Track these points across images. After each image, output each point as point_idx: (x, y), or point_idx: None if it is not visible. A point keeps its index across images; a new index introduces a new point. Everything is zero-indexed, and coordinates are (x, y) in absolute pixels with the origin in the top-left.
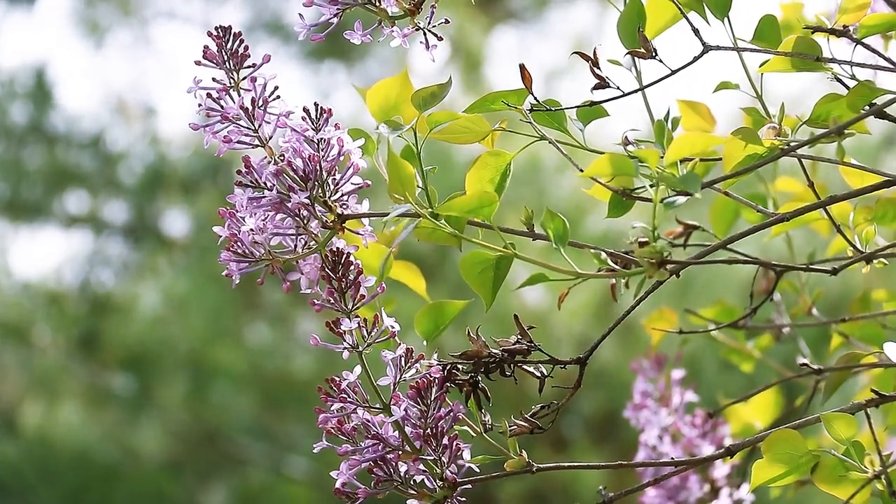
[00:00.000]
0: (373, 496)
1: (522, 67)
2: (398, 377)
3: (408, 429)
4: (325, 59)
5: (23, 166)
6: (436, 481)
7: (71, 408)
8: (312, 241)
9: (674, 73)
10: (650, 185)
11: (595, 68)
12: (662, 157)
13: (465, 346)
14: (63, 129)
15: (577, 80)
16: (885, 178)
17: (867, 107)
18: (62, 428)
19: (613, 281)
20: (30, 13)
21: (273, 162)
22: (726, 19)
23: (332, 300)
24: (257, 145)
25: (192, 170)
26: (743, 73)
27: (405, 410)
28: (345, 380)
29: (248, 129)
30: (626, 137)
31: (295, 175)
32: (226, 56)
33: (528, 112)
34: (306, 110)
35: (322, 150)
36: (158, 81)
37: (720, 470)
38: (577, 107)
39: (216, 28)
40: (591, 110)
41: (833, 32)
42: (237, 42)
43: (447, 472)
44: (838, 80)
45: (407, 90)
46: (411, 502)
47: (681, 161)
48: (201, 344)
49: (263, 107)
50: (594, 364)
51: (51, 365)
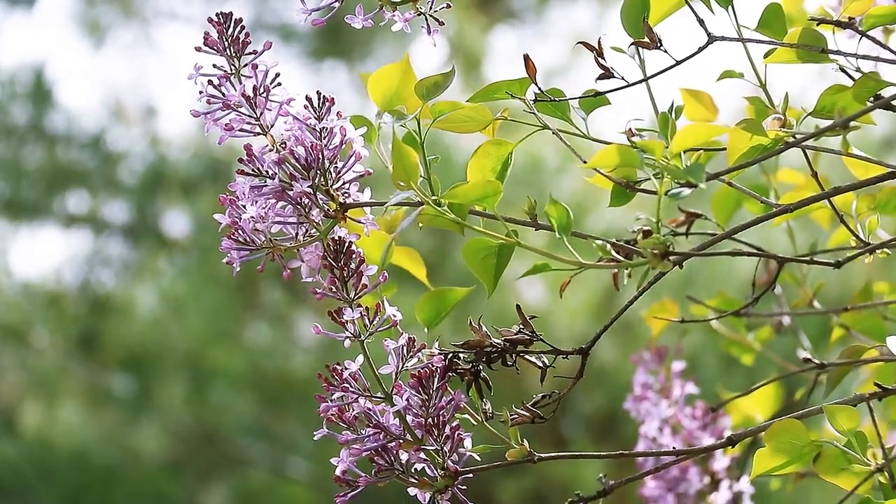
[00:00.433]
0: (373, 484)
1: (527, 57)
2: (400, 366)
3: (409, 418)
4: (326, 59)
5: (23, 166)
6: (437, 470)
7: (71, 408)
8: (314, 230)
9: (678, 63)
10: (654, 176)
11: (599, 58)
12: (667, 147)
13: (467, 339)
14: (63, 129)
15: (576, 80)
16: (890, 170)
17: (872, 98)
18: (62, 428)
19: (616, 271)
20: (30, 13)
21: (275, 150)
22: (731, 8)
23: (334, 289)
24: (259, 133)
25: (193, 170)
26: (747, 62)
27: (407, 399)
28: (346, 369)
29: (249, 116)
30: (630, 128)
31: (297, 163)
32: (227, 43)
33: (532, 102)
34: (308, 99)
35: (324, 138)
36: (159, 81)
37: (720, 462)
38: (580, 97)
39: (217, 14)
40: (594, 100)
41: (838, 24)
42: (238, 29)
43: (448, 461)
44: (843, 71)
45: (409, 78)
46: (412, 491)
47: (684, 152)
48: (201, 344)
49: (265, 94)
50: (594, 364)
51: (50, 365)
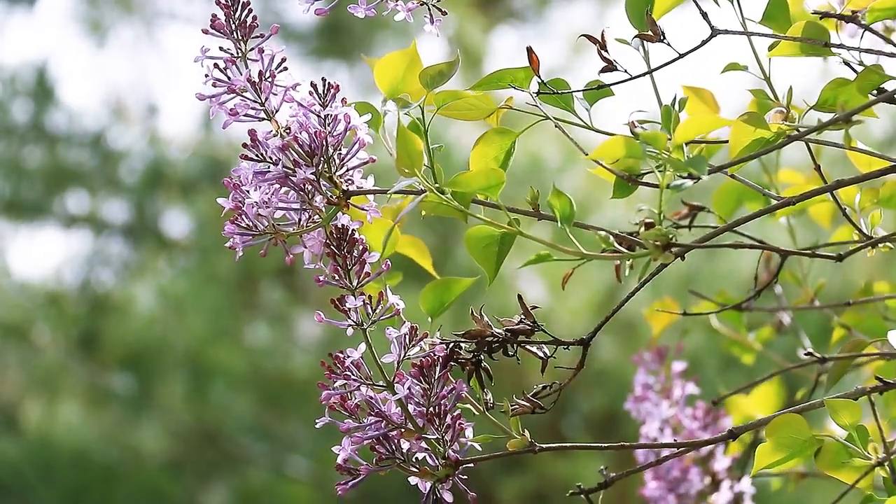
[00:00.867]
0: (375, 473)
1: (530, 50)
2: (402, 355)
3: (411, 407)
4: (326, 59)
5: (23, 165)
6: (438, 459)
7: (71, 407)
8: (317, 216)
9: (682, 56)
10: (657, 168)
11: (603, 51)
12: (670, 139)
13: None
14: (64, 128)
15: (576, 79)
16: (893, 164)
17: (875, 92)
18: (62, 427)
19: (618, 262)
20: (31, 12)
21: (279, 136)
22: (735, 1)
23: (337, 277)
24: (263, 119)
25: (192, 170)
26: (751, 56)
27: (408, 388)
28: (349, 357)
29: (254, 101)
30: (633, 121)
31: (301, 150)
32: (234, 26)
33: (535, 95)
34: (314, 85)
35: (328, 125)
36: (159, 81)
37: (721, 462)
38: (584, 89)
39: None
40: (597, 92)
41: (842, 17)
42: (245, 12)
43: (449, 450)
44: (846, 64)
45: (416, 65)
46: (413, 480)
47: (686, 146)
48: (201, 343)
49: (270, 79)
50: (594, 363)
51: (50, 365)
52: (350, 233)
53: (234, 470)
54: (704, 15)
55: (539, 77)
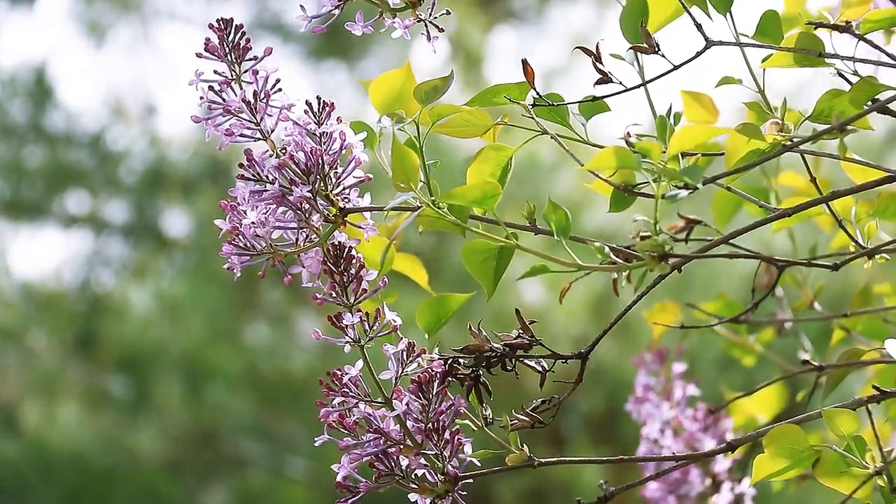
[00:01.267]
0: (374, 490)
1: (525, 62)
2: (400, 371)
3: (409, 423)
4: (326, 59)
5: (23, 165)
6: (437, 475)
7: (70, 408)
8: (314, 235)
9: (676, 68)
10: (652, 180)
11: (597, 63)
12: (664, 151)
13: (466, 342)
14: (63, 128)
15: (576, 80)
16: (888, 174)
17: (870, 103)
18: (61, 429)
19: (615, 275)
20: (30, 12)
21: (275, 155)
22: (728, 14)
23: (334, 294)
24: (259, 138)
25: (192, 170)
26: (745, 68)
27: (407, 405)
28: (346, 374)
29: (249, 122)
30: (628, 132)
31: (297, 168)
32: (227, 49)
33: (531, 107)
34: (308, 104)
35: (324, 143)
36: (158, 81)
37: (721, 464)
38: (579, 101)
39: (218, 21)
40: (593, 105)
41: (836, 28)
42: (239, 35)
43: (448, 466)
44: (841, 75)
45: (410, 83)
46: (413, 496)
47: (682, 156)
48: (200, 344)
49: (265, 100)
50: (592, 362)
51: (49, 365)
52: (347, 250)
53: (233, 471)
54: (699, 26)
55: (535, 90)
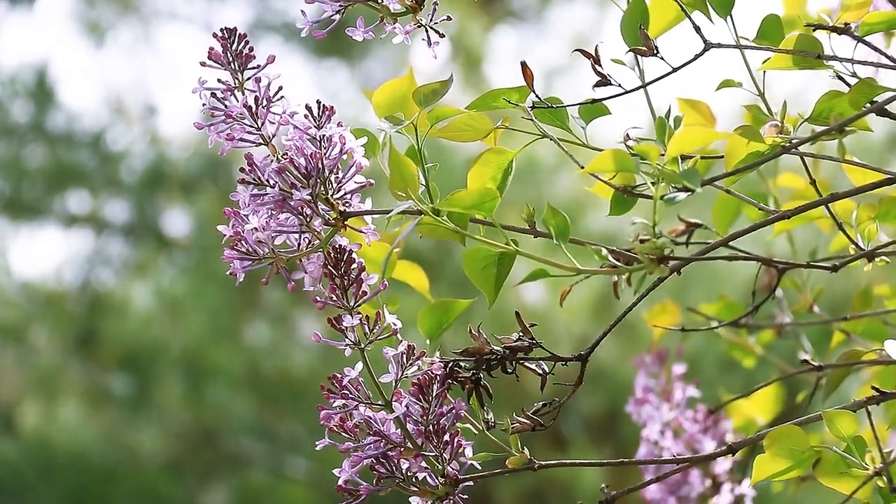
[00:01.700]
0: (375, 493)
1: (524, 65)
2: (400, 374)
3: (410, 426)
4: (328, 58)
5: (23, 165)
6: (437, 478)
7: (70, 407)
8: (315, 239)
9: (675, 70)
10: (651, 182)
11: (596, 66)
12: (663, 154)
13: (466, 344)
14: (64, 128)
15: (576, 80)
16: (888, 177)
17: (868, 104)
18: (61, 428)
19: (615, 278)
20: (30, 12)
21: (276, 160)
22: (729, 18)
23: (335, 297)
24: (260, 143)
25: (192, 170)
26: (745, 71)
27: (407, 407)
28: (346, 376)
29: (251, 127)
30: (627, 134)
31: (297, 173)
32: (231, 57)
33: (530, 109)
34: (308, 108)
35: (324, 147)
36: (159, 81)
37: (721, 465)
38: (579, 104)
39: (221, 30)
40: (592, 108)
41: (835, 30)
42: (242, 43)
43: (449, 468)
44: (840, 77)
45: (412, 90)
46: (413, 499)
47: (682, 159)
48: (201, 343)
49: (267, 105)
50: (592, 363)
51: (50, 364)
52: (348, 253)
53: (234, 470)
54: (697, 29)
55: (534, 92)
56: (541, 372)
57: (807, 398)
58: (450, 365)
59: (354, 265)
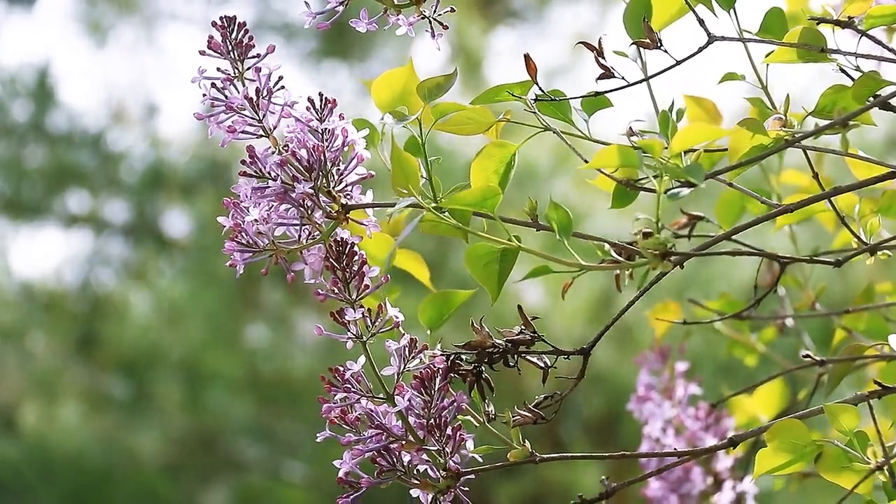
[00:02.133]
0: (376, 486)
1: (527, 57)
2: (402, 367)
3: (411, 419)
4: (327, 60)
5: (23, 165)
6: (439, 471)
7: (70, 409)
8: (317, 232)
9: (678, 63)
10: (654, 177)
11: (600, 58)
12: (667, 148)
13: (466, 341)
14: (64, 128)
15: (577, 80)
16: (891, 170)
17: (872, 98)
18: (60, 430)
19: (618, 272)
20: (31, 12)
21: (277, 152)
22: (733, 11)
23: (336, 290)
24: (261, 135)
25: (192, 171)
26: (749, 66)
27: (409, 400)
28: (348, 369)
29: (252, 118)
30: (630, 128)
31: (299, 165)
32: (230, 46)
33: (533, 102)
34: (311, 100)
35: (326, 140)
36: (159, 82)
37: (723, 462)
38: (581, 97)
39: (221, 18)
40: (595, 100)
41: (838, 24)
42: (242, 32)
43: (450, 462)
44: (843, 71)
45: (413, 81)
46: (414, 492)
47: (685, 153)
48: (200, 345)
49: (268, 97)
50: (590, 368)
51: (49, 365)
52: (349, 246)
53: (233, 473)
54: (701, 22)
55: (538, 85)
56: (542, 365)
57: (808, 395)
58: (452, 358)
59: (356, 258)
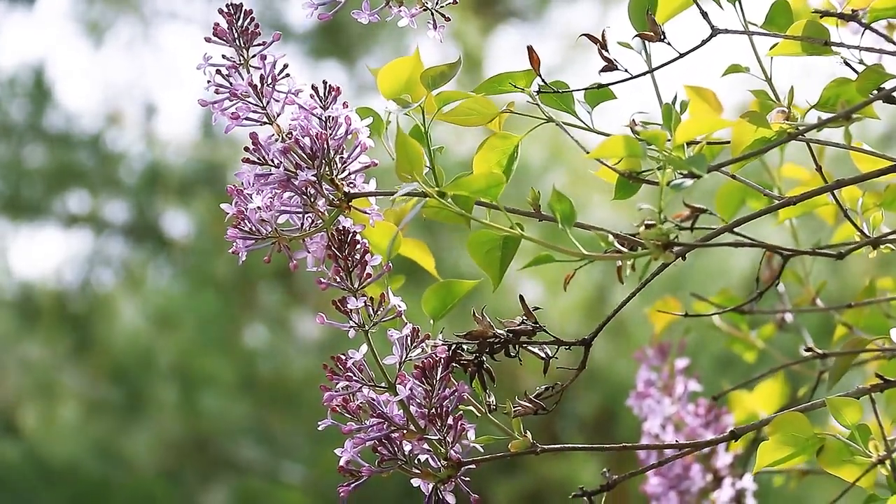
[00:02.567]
0: (377, 475)
1: (530, 49)
2: (404, 356)
3: (413, 408)
4: (325, 59)
5: (23, 165)
6: (440, 461)
7: (68, 408)
8: (319, 220)
9: (682, 55)
10: (657, 168)
11: (603, 51)
12: (670, 139)
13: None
14: (63, 128)
15: (577, 79)
16: (894, 163)
17: (875, 91)
18: (59, 431)
19: (620, 263)
20: (30, 12)
21: (281, 139)
22: (737, 3)
23: (339, 279)
24: (265, 122)
25: (190, 172)
26: (753, 58)
27: (410, 390)
28: (350, 358)
29: (256, 105)
30: (633, 119)
31: (302, 153)
32: (236, 33)
33: (536, 94)
34: (315, 88)
35: (330, 128)
36: (158, 82)
37: (723, 459)
38: (585, 89)
39: (228, 6)
40: (598, 92)
41: (842, 17)
42: (247, 20)
43: (451, 451)
44: (847, 64)
45: (418, 71)
46: (415, 481)
47: (687, 145)
48: (198, 346)
49: (272, 84)
50: (587, 365)
51: (49, 365)
52: (352, 235)
53: (230, 476)
54: (705, 14)
55: (540, 76)
56: (543, 356)
57: (809, 392)
58: (453, 348)
59: (359, 247)
